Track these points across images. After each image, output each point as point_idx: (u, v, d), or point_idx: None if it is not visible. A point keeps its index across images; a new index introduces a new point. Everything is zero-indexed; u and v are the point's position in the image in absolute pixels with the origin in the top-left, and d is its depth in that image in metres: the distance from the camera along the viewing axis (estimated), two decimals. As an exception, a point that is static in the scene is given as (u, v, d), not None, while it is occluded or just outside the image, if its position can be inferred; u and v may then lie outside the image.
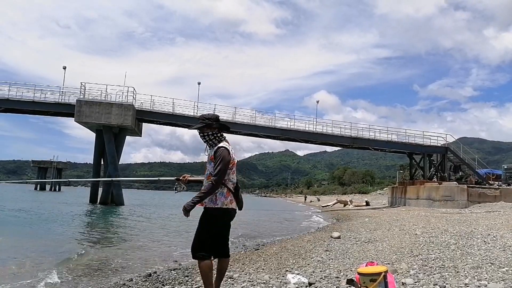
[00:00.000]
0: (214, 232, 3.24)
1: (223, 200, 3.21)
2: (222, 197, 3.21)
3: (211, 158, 3.30)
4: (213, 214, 3.21)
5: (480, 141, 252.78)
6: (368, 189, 68.12)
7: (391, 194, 30.88)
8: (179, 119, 30.40)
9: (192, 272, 5.44)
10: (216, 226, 3.24)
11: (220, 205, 3.20)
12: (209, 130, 3.33)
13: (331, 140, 32.37)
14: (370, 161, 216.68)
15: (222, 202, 3.21)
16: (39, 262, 6.53)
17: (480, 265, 4.71)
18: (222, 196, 3.21)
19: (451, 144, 31.14)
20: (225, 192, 3.23)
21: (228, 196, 3.23)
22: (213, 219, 3.21)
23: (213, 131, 3.33)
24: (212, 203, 3.21)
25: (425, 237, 7.81)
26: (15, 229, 11.52)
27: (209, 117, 3.38)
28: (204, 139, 3.37)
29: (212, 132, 3.33)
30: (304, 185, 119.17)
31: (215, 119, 3.37)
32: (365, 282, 2.97)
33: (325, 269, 4.97)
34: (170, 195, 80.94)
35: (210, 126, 3.34)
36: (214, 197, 3.21)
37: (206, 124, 3.34)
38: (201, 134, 3.36)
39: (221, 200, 3.21)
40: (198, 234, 3.25)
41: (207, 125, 3.34)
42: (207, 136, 3.34)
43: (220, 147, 3.24)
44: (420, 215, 15.81)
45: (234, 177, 3.36)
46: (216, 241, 3.26)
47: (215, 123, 3.34)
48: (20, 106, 28.70)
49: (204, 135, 3.35)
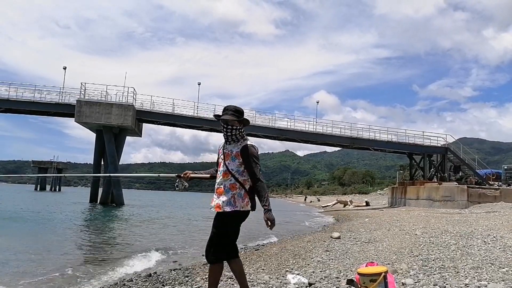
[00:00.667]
0: (228, 235, 3.07)
1: (241, 203, 3.02)
2: (240, 199, 3.02)
3: (235, 154, 3.05)
4: (231, 217, 3.02)
5: (480, 141, 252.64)
6: (368, 189, 68.18)
7: (391, 195, 30.88)
8: (179, 120, 30.44)
9: (192, 272, 5.44)
10: (231, 229, 3.07)
11: (239, 208, 3.01)
12: (239, 125, 3.09)
13: (331, 140, 32.39)
14: (370, 161, 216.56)
15: (241, 204, 3.02)
16: (38, 262, 6.53)
17: (480, 266, 4.71)
18: (240, 198, 3.02)
19: (451, 144, 31.16)
20: (243, 194, 3.04)
21: (246, 197, 3.05)
22: (231, 222, 3.04)
23: (241, 126, 3.11)
24: (231, 206, 3.00)
25: (425, 238, 7.80)
26: (15, 229, 11.52)
27: (242, 111, 3.13)
28: (230, 133, 3.08)
29: (240, 127, 3.10)
30: (304, 186, 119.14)
31: (242, 112, 3.14)
32: (365, 283, 2.97)
33: (325, 269, 4.97)
34: (170, 195, 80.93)
35: (241, 121, 3.10)
36: (232, 199, 3.01)
37: (243, 118, 3.11)
38: (228, 126, 3.06)
39: (240, 202, 3.02)
40: (214, 238, 3.06)
41: (242, 120, 3.10)
42: (234, 131, 3.08)
43: (250, 145, 3.05)
44: (420, 215, 15.80)
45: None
46: (229, 244, 3.10)
47: (245, 118, 3.12)
48: (20, 107, 28.74)
49: (233, 128, 3.07)
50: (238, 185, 3.03)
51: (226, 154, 3.08)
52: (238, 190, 3.02)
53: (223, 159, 3.10)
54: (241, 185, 3.03)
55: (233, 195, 3.00)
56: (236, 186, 3.03)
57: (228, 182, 3.02)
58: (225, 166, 3.05)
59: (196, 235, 11.30)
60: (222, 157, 3.13)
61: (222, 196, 3.03)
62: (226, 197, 3.00)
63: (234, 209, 2.99)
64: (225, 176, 3.04)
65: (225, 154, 3.09)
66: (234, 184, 3.03)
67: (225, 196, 3.02)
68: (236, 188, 3.03)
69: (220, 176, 3.09)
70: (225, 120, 3.06)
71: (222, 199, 3.02)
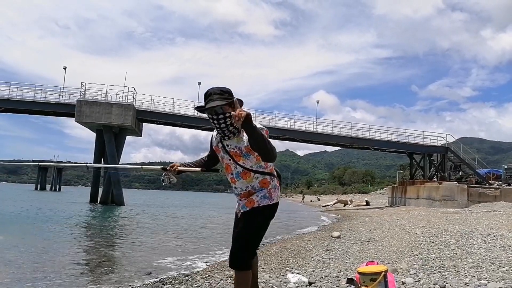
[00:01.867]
0: (262, 235, 2.59)
1: (278, 194, 2.61)
2: (277, 190, 2.61)
3: (246, 150, 2.42)
4: (268, 212, 2.56)
5: (480, 141, 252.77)
6: (368, 188, 68.16)
7: (391, 194, 30.88)
8: (179, 119, 30.44)
9: (192, 272, 5.45)
10: (265, 226, 2.59)
11: (276, 200, 2.59)
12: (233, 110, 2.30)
13: (331, 140, 32.39)
14: (370, 161, 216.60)
15: (277, 195, 2.61)
16: (38, 262, 6.53)
17: (480, 265, 4.71)
18: (276, 189, 2.60)
19: (451, 144, 31.18)
20: (276, 183, 2.61)
21: (279, 186, 2.64)
22: (268, 218, 2.58)
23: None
24: (268, 199, 2.54)
25: (425, 237, 7.80)
26: (14, 229, 11.52)
27: (229, 90, 2.41)
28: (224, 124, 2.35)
29: None
30: (304, 185, 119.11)
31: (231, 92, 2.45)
32: (365, 282, 2.97)
33: (325, 269, 4.97)
34: (170, 195, 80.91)
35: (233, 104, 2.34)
36: (268, 192, 2.55)
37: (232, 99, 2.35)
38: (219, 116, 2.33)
39: (276, 194, 2.60)
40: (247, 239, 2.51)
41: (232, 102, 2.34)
42: (229, 119, 2.33)
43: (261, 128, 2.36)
44: (420, 214, 15.81)
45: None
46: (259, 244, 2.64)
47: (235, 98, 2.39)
48: (20, 106, 28.73)
49: (226, 117, 2.33)
50: (269, 177, 2.57)
51: (234, 153, 2.48)
52: (271, 182, 2.58)
53: (230, 160, 2.51)
54: (271, 175, 2.59)
55: (269, 190, 2.56)
56: (267, 179, 2.56)
57: (256, 181, 2.54)
58: (241, 167, 2.49)
59: (196, 235, 11.29)
60: (226, 157, 2.52)
61: (253, 195, 2.55)
62: (260, 193, 2.54)
63: (271, 202, 2.56)
64: (247, 177, 2.52)
65: (232, 153, 2.49)
66: (265, 180, 2.55)
67: (259, 193, 2.54)
68: (269, 182, 2.57)
69: (237, 180, 2.55)
70: (212, 110, 2.33)
71: (254, 197, 2.54)
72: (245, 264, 2.46)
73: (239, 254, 2.46)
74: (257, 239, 2.54)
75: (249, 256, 2.48)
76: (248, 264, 2.47)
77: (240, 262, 2.46)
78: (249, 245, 2.50)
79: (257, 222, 2.53)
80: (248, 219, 2.53)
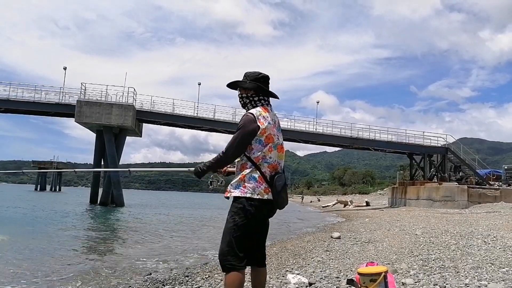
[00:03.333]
0: (245, 233, 2.37)
1: (254, 187, 2.36)
2: (254, 182, 2.36)
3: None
4: (241, 206, 2.36)
5: (480, 141, 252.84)
6: (368, 189, 68.08)
7: (391, 195, 30.88)
8: (179, 120, 30.44)
9: (192, 272, 5.44)
10: (248, 223, 2.37)
11: (251, 194, 2.35)
12: (244, 92, 2.57)
13: (331, 140, 32.39)
14: (370, 161, 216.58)
15: (253, 189, 2.35)
16: (38, 263, 6.52)
17: (480, 265, 4.71)
18: (253, 181, 2.37)
19: (451, 144, 31.20)
20: (257, 177, 2.37)
21: (262, 182, 2.37)
22: (242, 213, 2.36)
23: (248, 93, 2.54)
24: (239, 190, 2.38)
25: (425, 237, 7.80)
26: (14, 229, 11.51)
27: (248, 74, 2.58)
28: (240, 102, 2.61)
29: (247, 95, 2.55)
30: (304, 186, 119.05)
31: (254, 77, 2.54)
32: (365, 282, 2.97)
33: (325, 269, 4.97)
34: (170, 196, 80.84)
35: (243, 86, 2.56)
36: (242, 182, 2.38)
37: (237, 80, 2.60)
38: (239, 95, 2.61)
39: (252, 187, 2.36)
40: (225, 235, 2.40)
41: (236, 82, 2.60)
42: (241, 99, 2.59)
43: (245, 114, 2.47)
44: (420, 215, 15.80)
45: (273, 157, 2.44)
46: (249, 245, 2.42)
47: (250, 82, 2.53)
48: (20, 107, 28.73)
49: (239, 96, 2.61)
50: (249, 164, 2.41)
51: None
52: (249, 171, 2.39)
53: None
54: (253, 165, 2.39)
55: (243, 178, 2.39)
56: (247, 165, 2.41)
57: (240, 161, 2.46)
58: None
59: (197, 235, 11.29)
60: None
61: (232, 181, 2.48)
62: (236, 179, 2.43)
63: (243, 195, 2.36)
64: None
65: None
66: (245, 164, 2.42)
67: (235, 179, 2.45)
68: (246, 168, 2.41)
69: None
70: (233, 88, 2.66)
71: (231, 184, 2.46)
72: (228, 264, 2.33)
73: (220, 252, 2.39)
74: (236, 236, 2.34)
75: (231, 255, 2.33)
76: (231, 264, 2.32)
77: (221, 261, 2.37)
78: (226, 243, 2.36)
79: (231, 215, 2.40)
80: (228, 213, 2.44)
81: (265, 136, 2.40)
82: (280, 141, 2.52)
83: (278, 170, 2.45)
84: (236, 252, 2.34)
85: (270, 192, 2.37)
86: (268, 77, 2.60)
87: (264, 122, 2.41)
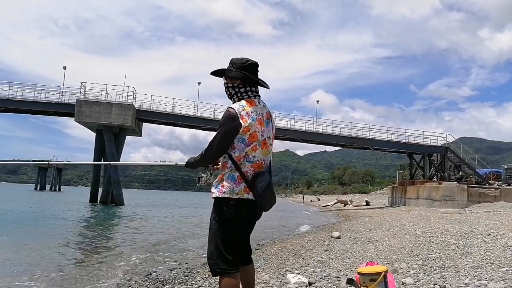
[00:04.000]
0: (229, 234, 2.27)
1: (232, 187, 2.23)
2: (232, 182, 2.23)
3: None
4: (220, 207, 2.28)
5: (479, 141, 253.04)
6: (368, 189, 68.11)
7: (391, 194, 30.89)
8: (179, 119, 30.43)
9: (192, 272, 5.44)
10: (229, 224, 2.27)
11: (229, 194, 2.23)
12: (229, 81, 2.36)
13: (331, 140, 32.40)
14: (370, 161, 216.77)
15: (232, 189, 2.23)
16: (38, 263, 6.52)
17: (480, 265, 4.71)
18: (231, 180, 2.24)
19: (451, 144, 31.19)
20: (236, 176, 2.24)
21: (241, 182, 2.23)
22: (222, 213, 2.27)
23: (234, 83, 2.33)
24: (217, 190, 2.27)
25: (425, 237, 7.80)
26: (14, 229, 11.51)
27: (234, 61, 2.36)
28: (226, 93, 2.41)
29: (233, 85, 2.34)
30: (304, 185, 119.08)
31: (241, 65, 2.32)
32: (365, 282, 2.97)
33: (325, 269, 4.96)
34: (170, 196, 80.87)
35: (228, 75, 2.35)
36: (221, 182, 2.28)
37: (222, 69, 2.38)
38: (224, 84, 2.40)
39: (230, 186, 2.23)
40: (210, 238, 2.31)
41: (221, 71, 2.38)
42: (226, 89, 2.39)
43: (227, 109, 2.26)
44: (420, 215, 15.80)
45: (257, 155, 2.27)
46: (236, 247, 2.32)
47: (235, 70, 2.31)
48: (20, 106, 28.73)
49: (224, 86, 2.40)
50: (230, 163, 2.27)
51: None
52: (229, 171, 2.26)
53: None
54: (234, 164, 2.25)
55: (222, 177, 2.28)
56: (227, 164, 2.28)
57: (223, 159, 2.33)
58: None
59: (196, 235, 11.28)
60: None
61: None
62: (217, 178, 2.34)
63: (222, 195, 2.24)
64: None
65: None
66: (225, 163, 2.30)
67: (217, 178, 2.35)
68: (226, 167, 2.29)
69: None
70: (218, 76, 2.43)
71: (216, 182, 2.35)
72: (218, 268, 2.22)
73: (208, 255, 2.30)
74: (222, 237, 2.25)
75: (220, 258, 2.22)
76: (221, 268, 2.21)
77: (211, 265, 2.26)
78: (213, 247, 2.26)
79: (213, 216, 2.32)
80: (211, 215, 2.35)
81: (249, 135, 2.22)
82: (263, 137, 2.30)
83: (263, 169, 2.30)
84: (224, 255, 2.23)
85: (251, 193, 2.23)
86: (257, 64, 2.37)
87: (248, 118, 2.21)
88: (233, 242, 2.28)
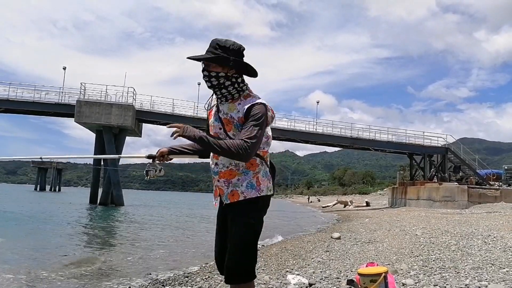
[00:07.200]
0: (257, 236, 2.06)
1: (267, 184, 2.06)
2: (266, 179, 2.06)
3: (238, 120, 1.96)
4: (259, 209, 2.05)
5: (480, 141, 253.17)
6: (368, 189, 68.10)
7: (392, 195, 30.88)
8: (179, 120, 30.38)
9: (192, 272, 5.43)
10: (261, 222, 2.09)
11: (266, 192, 2.04)
12: (222, 70, 1.96)
13: (331, 140, 32.39)
14: (370, 161, 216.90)
15: (267, 186, 2.06)
16: (38, 263, 6.51)
17: (480, 266, 4.70)
18: (266, 178, 2.06)
19: (451, 144, 31.19)
20: (268, 172, 2.08)
21: (271, 178, 2.10)
22: (260, 214, 2.07)
23: (229, 72, 1.96)
24: (255, 190, 2.00)
25: (425, 238, 7.79)
26: (14, 230, 11.50)
27: (226, 44, 1.95)
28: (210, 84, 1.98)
29: (225, 74, 1.96)
30: (304, 186, 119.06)
31: (237, 50, 1.96)
32: (366, 283, 2.96)
33: (325, 270, 4.96)
34: (170, 196, 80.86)
35: (225, 62, 1.94)
36: (255, 180, 2.01)
37: (218, 56, 1.93)
38: (203, 73, 1.97)
39: (266, 184, 2.05)
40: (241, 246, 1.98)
41: (221, 59, 1.94)
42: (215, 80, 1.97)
43: (259, 103, 1.94)
44: (420, 215, 15.79)
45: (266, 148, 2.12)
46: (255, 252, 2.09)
47: (232, 57, 1.94)
48: (20, 107, 28.73)
49: (210, 75, 1.96)
50: (258, 159, 2.03)
51: (225, 120, 2.00)
52: (261, 166, 2.04)
53: (221, 129, 2.02)
54: (262, 159, 2.04)
55: (256, 175, 2.02)
56: (256, 161, 2.02)
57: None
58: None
59: (196, 235, 11.28)
60: (217, 124, 2.04)
61: (235, 179, 2.01)
62: (245, 179, 2.00)
63: (260, 194, 2.01)
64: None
65: (223, 120, 2.01)
66: (253, 160, 2.00)
67: (243, 179, 2.01)
68: (257, 164, 2.03)
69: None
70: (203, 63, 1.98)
71: (239, 186, 2.00)
72: (252, 273, 2.02)
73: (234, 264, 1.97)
74: (254, 242, 2.04)
75: (253, 265, 2.02)
76: (254, 271, 2.03)
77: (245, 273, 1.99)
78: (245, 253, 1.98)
79: (247, 220, 1.99)
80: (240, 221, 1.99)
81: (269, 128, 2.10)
82: None
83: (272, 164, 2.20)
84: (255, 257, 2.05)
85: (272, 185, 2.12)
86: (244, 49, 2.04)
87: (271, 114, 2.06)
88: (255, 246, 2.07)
